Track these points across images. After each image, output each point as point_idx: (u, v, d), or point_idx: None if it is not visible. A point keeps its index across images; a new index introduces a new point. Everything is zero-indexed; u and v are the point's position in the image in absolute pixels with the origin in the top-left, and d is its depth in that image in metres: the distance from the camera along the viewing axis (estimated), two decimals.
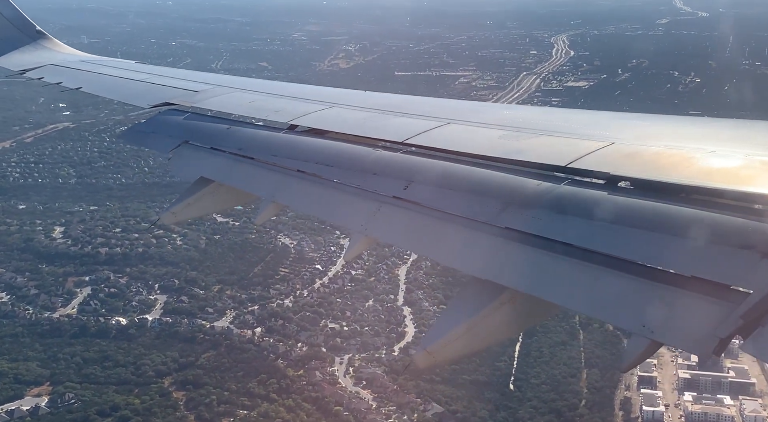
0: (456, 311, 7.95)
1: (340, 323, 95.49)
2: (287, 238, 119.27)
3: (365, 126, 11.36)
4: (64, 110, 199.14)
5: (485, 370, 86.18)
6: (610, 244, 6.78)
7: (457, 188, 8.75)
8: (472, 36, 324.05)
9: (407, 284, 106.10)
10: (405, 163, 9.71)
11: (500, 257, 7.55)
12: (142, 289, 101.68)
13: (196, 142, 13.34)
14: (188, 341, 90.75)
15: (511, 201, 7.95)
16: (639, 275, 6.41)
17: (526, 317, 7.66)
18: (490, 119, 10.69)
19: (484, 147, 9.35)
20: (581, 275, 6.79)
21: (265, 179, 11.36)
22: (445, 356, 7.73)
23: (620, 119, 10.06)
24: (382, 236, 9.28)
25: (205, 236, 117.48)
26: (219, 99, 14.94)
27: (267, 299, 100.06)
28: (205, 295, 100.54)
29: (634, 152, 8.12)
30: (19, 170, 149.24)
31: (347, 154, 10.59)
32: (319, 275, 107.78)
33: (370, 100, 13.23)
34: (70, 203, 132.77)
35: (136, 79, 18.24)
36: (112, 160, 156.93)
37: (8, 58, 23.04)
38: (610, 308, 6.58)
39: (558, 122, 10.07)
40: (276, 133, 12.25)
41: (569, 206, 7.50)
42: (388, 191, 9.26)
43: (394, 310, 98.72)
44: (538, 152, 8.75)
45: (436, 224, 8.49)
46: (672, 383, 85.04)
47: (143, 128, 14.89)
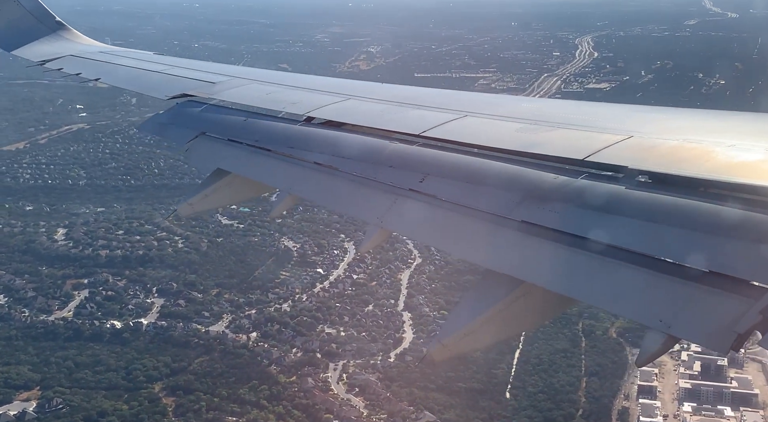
0: (471, 305, 7.91)
1: (338, 328, 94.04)
2: (291, 241, 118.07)
3: (382, 118, 11.39)
4: (81, 111, 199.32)
5: (481, 378, 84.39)
6: (627, 238, 6.74)
7: (473, 181, 8.73)
8: (495, 37, 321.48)
9: (409, 288, 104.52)
10: (421, 156, 9.74)
11: (516, 251, 7.57)
12: (140, 292, 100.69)
13: (213, 133, 13.48)
14: (182, 345, 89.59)
15: (528, 195, 7.94)
16: (657, 269, 6.38)
17: (542, 311, 7.70)
18: (507, 112, 10.64)
19: (502, 140, 9.32)
20: (598, 270, 6.77)
21: (282, 171, 11.43)
22: (459, 349, 7.76)
23: (639, 112, 10.05)
24: (398, 229, 9.37)
25: (207, 239, 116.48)
26: (236, 91, 15.06)
27: (265, 304, 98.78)
28: (202, 299, 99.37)
29: (653, 145, 8.02)
30: (30, 171, 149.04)
31: (364, 146, 10.65)
32: (320, 279, 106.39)
33: (387, 93, 13.31)
34: (77, 205, 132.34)
35: (154, 71, 18.53)
36: (123, 161, 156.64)
37: (28, 48, 23.40)
38: (627, 302, 6.57)
39: (576, 115, 10.02)
40: (293, 125, 12.31)
41: (586, 200, 7.45)
42: (404, 183, 9.31)
43: (393, 315, 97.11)
44: (556, 145, 8.70)
45: (452, 217, 8.50)
46: (673, 393, 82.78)
47: (161, 120, 15.24)
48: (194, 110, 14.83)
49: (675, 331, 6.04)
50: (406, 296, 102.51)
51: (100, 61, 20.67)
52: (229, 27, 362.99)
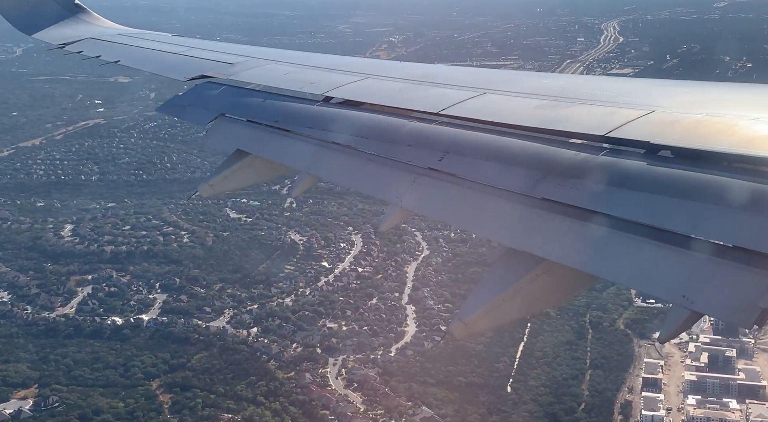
0: (492, 283, 7.80)
1: (339, 322, 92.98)
2: (298, 234, 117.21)
3: (400, 97, 11.26)
4: (99, 106, 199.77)
5: (483, 371, 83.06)
6: (650, 214, 6.65)
7: (493, 159, 8.62)
8: (519, 24, 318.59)
9: (415, 281, 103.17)
10: (440, 134, 9.63)
11: (537, 229, 7.45)
12: (143, 288, 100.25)
13: (233, 114, 13.45)
14: (182, 342, 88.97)
15: (548, 172, 7.82)
16: (680, 245, 6.26)
17: (564, 288, 7.60)
18: (526, 89, 10.39)
19: (521, 117, 9.13)
20: (621, 246, 6.67)
21: (301, 152, 11.35)
22: (480, 326, 7.62)
23: (661, 87, 9.83)
24: (418, 208, 9.16)
25: (213, 233, 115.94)
26: (254, 71, 14.98)
27: (267, 298, 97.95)
28: (205, 294, 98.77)
29: (675, 120, 7.85)
30: (44, 167, 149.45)
31: (382, 125, 10.57)
32: (325, 272, 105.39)
33: (405, 71, 13.12)
34: (88, 200, 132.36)
35: (173, 52, 18.47)
36: (137, 156, 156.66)
37: (48, 32, 23.31)
38: (649, 278, 6.42)
39: (596, 91, 9.77)
40: (311, 105, 12.25)
41: (608, 176, 7.32)
42: (423, 162, 9.19)
43: (396, 309, 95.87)
44: (576, 121, 8.54)
45: (472, 196, 8.38)
46: (678, 385, 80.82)
47: (180, 101, 15.16)
48: (213, 91, 14.76)
49: (698, 307, 5.97)
50: (411, 289, 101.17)
51: (120, 43, 20.82)
52: (252, 20, 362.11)
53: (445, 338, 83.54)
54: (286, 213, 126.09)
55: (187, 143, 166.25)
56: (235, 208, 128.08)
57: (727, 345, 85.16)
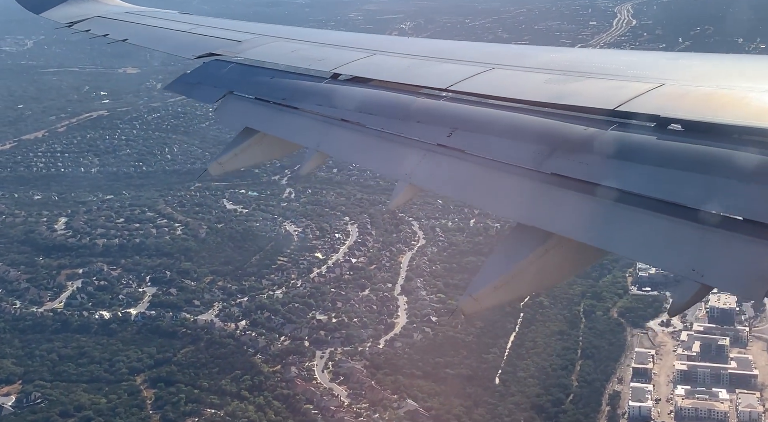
0: (502, 258, 7.79)
1: (329, 314, 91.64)
2: (293, 225, 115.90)
3: (408, 73, 11.22)
4: (104, 97, 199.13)
5: (471, 363, 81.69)
6: (660, 188, 6.61)
7: (502, 134, 8.63)
8: (532, 8, 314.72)
9: (408, 271, 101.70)
10: (449, 110, 9.61)
11: (546, 204, 7.47)
12: (133, 281, 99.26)
13: (241, 92, 13.53)
14: (169, 336, 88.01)
15: (557, 146, 7.80)
16: (689, 218, 6.23)
17: (573, 263, 7.56)
18: (535, 63, 10.30)
19: (530, 92, 9.12)
20: (630, 220, 6.66)
21: (310, 129, 11.42)
22: (490, 302, 7.59)
23: (670, 60, 9.78)
24: (426, 184, 9.18)
25: (207, 225, 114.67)
26: (262, 49, 15.01)
27: (258, 291, 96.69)
28: (195, 287, 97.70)
29: (685, 93, 7.83)
30: (44, 160, 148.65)
31: (390, 102, 10.56)
32: (318, 264, 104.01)
33: (413, 47, 13.11)
34: (86, 193, 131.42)
35: (180, 31, 18.60)
36: (137, 147, 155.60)
37: (56, 11, 23.41)
38: (659, 252, 6.41)
39: (606, 64, 9.66)
40: (319, 82, 12.21)
41: (618, 150, 7.28)
42: (432, 138, 9.22)
43: (388, 300, 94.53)
44: (585, 95, 8.54)
45: (480, 171, 8.42)
46: (669, 375, 78.97)
47: (189, 79, 15.14)
48: (221, 69, 14.80)
49: (708, 280, 5.95)
50: (405, 279, 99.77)
51: (127, 21, 20.90)
52: (265, 9, 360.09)
53: (455, 314, 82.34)
54: (283, 204, 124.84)
55: (189, 133, 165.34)
56: (233, 199, 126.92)
57: (721, 333, 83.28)
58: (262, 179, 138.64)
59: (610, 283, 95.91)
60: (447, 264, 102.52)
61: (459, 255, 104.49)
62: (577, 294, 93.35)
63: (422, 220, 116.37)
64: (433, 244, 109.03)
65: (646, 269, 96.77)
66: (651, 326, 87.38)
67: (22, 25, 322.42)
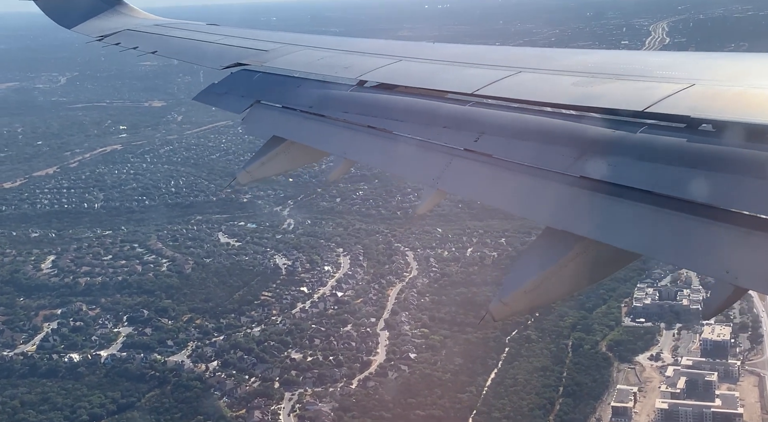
0: (531, 262, 7.72)
1: (305, 352, 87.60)
2: (283, 258, 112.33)
3: (434, 79, 11.12)
4: (123, 132, 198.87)
5: (445, 403, 77.26)
6: (690, 190, 6.47)
7: (529, 138, 8.47)
8: (565, 30, 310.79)
9: (395, 305, 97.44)
10: (475, 115, 9.51)
11: (576, 207, 7.37)
12: (109, 322, 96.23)
13: (268, 101, 13.61)
14: (136, 379, 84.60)
15: (586, 149, 7.70)
16: (722, 220, 6.12)
17: (603, 267, 7.43)
18: (562, 66, 10.11)
19: (557, 95, 8.96)
20: (661, 223, 6.55)
21: (336, 136, 11.43)
22: (520, 306, 7.54)
23: (700, 60, 9.32)
24: (454, 189, 9.20)
25: (194, 260, 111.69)
26: (288, 58, 15.01)
27: (235, 329, 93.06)
28: (171, 326, 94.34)
29: (716, 93, 7.64)
30: (50, 196, 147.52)
31: (417, 108, 10.53)
32: (303, 298, 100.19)
33: (439, 53, 13.01)
34: (84, 229, 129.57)
35: (208, 41, 18.58)
36: (143, 181, 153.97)
37: (87, 25, 23.57)
38: (692, 255, 6.27)
39: (634, 66, 9.44)
40: (345, 89, 12.19)
41: (647, 152, 7.13)
42: (459, 143, 9.13)
43: (369, 336, 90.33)
44: (614, 97, 8.35)
45: (508, 176, 8.30)
46: (650, 414, 73.54)
47: (217, 89, 15.17)
48: (248, 78, 14.81)
49: (742, 282, 5.79)
50: (390, 313, 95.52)
51: (156, 34, 20.97)
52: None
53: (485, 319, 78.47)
54: (278, 236, 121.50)
55: (199, 165, 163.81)
56: (229, 232, 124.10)
57: (710, 367, 77.63)
58: (264, 210, 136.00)
59: (603, 314, 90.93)
60: (436, 297, 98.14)
61: (450, 287, 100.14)
62: (568, 326, 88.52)
63: (418, 250, 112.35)
64: (424, 275, 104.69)
65: (641, 300, 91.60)
66: (640, 360, 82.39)
67: (57, 63, 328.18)
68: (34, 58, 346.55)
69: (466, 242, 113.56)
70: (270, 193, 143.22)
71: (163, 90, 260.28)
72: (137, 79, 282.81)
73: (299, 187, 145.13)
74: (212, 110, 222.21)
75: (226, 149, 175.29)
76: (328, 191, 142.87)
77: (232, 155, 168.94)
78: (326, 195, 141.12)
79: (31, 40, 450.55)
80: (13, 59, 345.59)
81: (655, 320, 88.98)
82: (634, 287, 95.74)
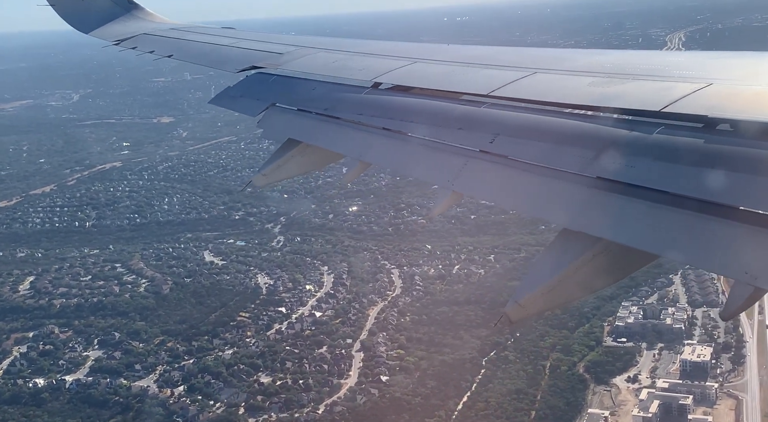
0: (547, 264, 7.56)
1: (275, 376, 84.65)
2: (266, 277, 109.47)
3: (449, 80, 10.99)
4: (125, 148, 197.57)
5: None
6: (709, 190, 6.34)
7: (545, 139, 8.29)
8: (581, 40, 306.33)
9: (375, 325, 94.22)
10: (491, 116, 9.39)
11: (593, 208, 7.25)
12: (80, 345, 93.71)
13: (283, 104, 13.58)
14: (99, 405, 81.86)
15: (602, 150, 7.54)
16: (740, 220, 6.00)
17: (620, 268, 7.27)
18: (578, 66, 9.91)
19: (574, 95, 8.82)
20: (679, 223, 6.43)
21: (351, 138, 11.30)
22: (536, 308, 7.44)
23: (717, 59, 9.24)
24: (470, 191, 9.04)
25: (173, 280, 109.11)
26: (303, 60, 14.94)
27: (206, 352, 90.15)
28: (142, 349, 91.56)
29: (734, 92, 7.49)
30: (42, 215, 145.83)
31: (432, 109, 10.37)
32: (281, 319, 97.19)
33: (454, 54, 12.78)
34: (71, 248, 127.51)
35: (223, 45, 18.60)
36: (137, 199, 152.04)
37: (103, 30, 23.59)
38: (710, 255, 6.10)
39: (650, 66, 9.24)
40: (360, 92, 12.09)
41: (665, 152, 7.02)
42: (474, 145, 9.02)
43: (343, 358, 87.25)
44: (631, 97, 8.15)
45: (524, 177, 8.16)
46: None
47: (232, 93, 15.13)
48: (263, 81, 14.80)
49: (761, 283, 5.62)
50: (368, 334, 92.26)
51: (172, 37, 20.95)
52: None
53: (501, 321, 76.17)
54: (264, 254, 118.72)
55: (195, 182, 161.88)
56: (215, 250, 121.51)
57: (686, 390, 73.87)
58: (255, 227, 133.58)
59: (585, 334, 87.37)
60: (416, 316, 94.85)
61: (432, 306, 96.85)
62: (547, 347, 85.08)
63: (404, 267, 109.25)
64: (408, 294, 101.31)
65: (624, 319, 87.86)
66: (617, 382, 78.90)
67: (73, 80, 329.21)
68: (51, 76, 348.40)
69: (454, 260, 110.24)
70: (263, 210, 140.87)
71: (173, 106, 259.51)
72: (149, 96, 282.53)
73: (293, 203, 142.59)
74: (218, 126, 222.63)
75: (225, 164, 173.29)
76: (321, 207, 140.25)
77: (230, 171, 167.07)
78: (319, 211, 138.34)
79: (51, 57, 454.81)
80: (31, 77, 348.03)
81: (637, 340, 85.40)
82: (619, 305, 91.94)
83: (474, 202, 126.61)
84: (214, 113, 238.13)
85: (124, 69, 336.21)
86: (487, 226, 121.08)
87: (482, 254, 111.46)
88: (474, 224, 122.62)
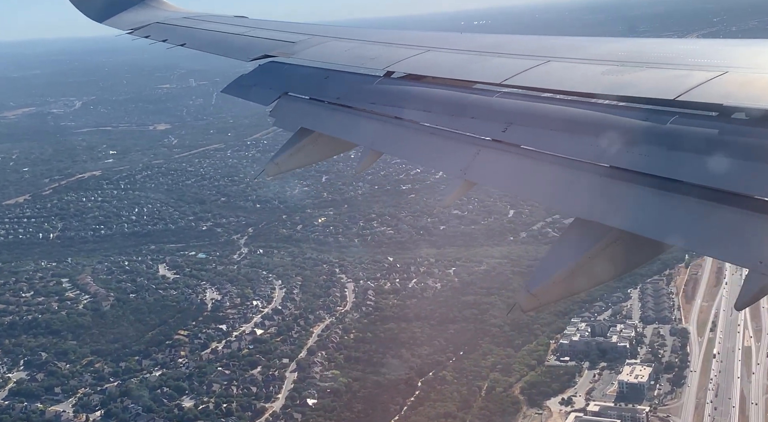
0: (560, 253, 7.31)
1: (199, 400, 79.35)
2: (216, 292, 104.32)
3: (462, 69, 10.61)
4: (109, 156, 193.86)
5: None
6: (723, 179, 6.10)
7: (558, 128, 8.00)
8: None
9: (316, 343, 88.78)
10: (503, 105, 9.07)
11: (606, 198, 7.00)
12: (5, 365, 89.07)
13: (296, 93, 13.36)
14: None
15: (616, 139, 7.27)
16: (756, 210, 5.76)
17: (633, 258, 7.06)
18: (592, 55, 9.48)
19: (587, 84, 8.46)
20: (693, 213, 6.20)
21: (364, 128, 11.03)
22: (549, 297, 7.23)
23: (732, 47, 8.83)
24: (482, 180, 8.62)
25: (116, 296, 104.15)
26: (316, 49, 14.56)
27: (133, 373, 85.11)
28: (67, 370, 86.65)
29: (750, 80, 7.10)
30: (7, 226, 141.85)
31: (444, 98, 10.07)
32: (220, 337, 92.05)
33: (466, 42, 12.37)
34: (28, 261, 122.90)
35: (236, 34, 18.14)
36: (107, 209, 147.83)
37: (117, 19, 23.39)
38: (724, 245, 5.94)
39: (665, 54, 8.85)
40: (372, 80, 11.69)
41: (679, 141, 6.77)
42: (486, 134, 8.76)
43: (275, 379, 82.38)
44: (645, 85, 7.81)
45: (537, 166, 7.85)
46: None
47: (245, 82, 14.90)
48: (276, 70, 14.41)
49: None
50: (306, 353, 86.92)
51: (185, 26, 20.74)
52: None
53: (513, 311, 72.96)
54: (220, 267, 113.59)
55: (171, 191, 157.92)
56: (172, 263, 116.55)
57: (617, 414, 68.59)
58: (221, 238, 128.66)
59: (529, 352, 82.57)
60: (361, 334, 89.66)
61: (379, 322, 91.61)
62: (488, 366, 79.54)
63: (360, 281, 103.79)
64: (357, 310, 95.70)
65: (569, 336, 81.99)
66: (550, 404, 74.22)
67: (79, 87, 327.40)
68: (58, 83, 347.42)
69: (413, 272, 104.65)
70: (232, 220, 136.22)
71: (173, 113, 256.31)
72: (151, 103, 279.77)
73: (264, 213, 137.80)
74: (210, 133, 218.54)
75: (204, 173, 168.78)
76: (291, 217, 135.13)
77: (208, 180, 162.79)
78: (288, 222, 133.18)
79: (66, 64, 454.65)
80: (39, 84, 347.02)
81: (580, 359, 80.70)
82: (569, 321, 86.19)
83: (446, 212, 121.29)
84: (209, 120, 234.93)
85: (132, 76, 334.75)
86: (455, 237, 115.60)
87: (443, 267, 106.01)
88: (442, 235, 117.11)
